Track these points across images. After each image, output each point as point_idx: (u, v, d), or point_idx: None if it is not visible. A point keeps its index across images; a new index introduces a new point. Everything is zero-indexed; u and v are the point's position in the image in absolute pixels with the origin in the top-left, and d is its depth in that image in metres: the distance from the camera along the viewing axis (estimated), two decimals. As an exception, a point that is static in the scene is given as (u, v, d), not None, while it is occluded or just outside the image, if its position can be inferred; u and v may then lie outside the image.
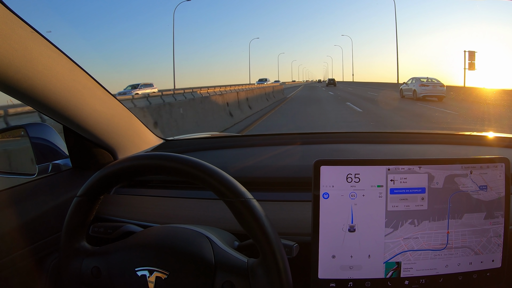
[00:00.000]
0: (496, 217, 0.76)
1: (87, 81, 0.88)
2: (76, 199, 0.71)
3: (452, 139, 1.35)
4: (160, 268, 0.66)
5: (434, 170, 0.74)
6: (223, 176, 0.66)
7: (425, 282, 0.75)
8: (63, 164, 1.07)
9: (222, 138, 1.51)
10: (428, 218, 0.74)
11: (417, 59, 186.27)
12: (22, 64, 0.69)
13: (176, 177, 0.69)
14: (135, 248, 0.71)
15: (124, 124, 1.08)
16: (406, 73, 71.21)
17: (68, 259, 0.72)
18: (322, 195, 0.73)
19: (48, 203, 0.92)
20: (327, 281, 0.74)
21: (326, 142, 1.32)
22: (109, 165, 0.71)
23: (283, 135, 1.43)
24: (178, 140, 1.39)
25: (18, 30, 0.67)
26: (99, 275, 0.70)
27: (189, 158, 0.67)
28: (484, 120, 9.51)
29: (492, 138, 1.29)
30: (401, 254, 0.74)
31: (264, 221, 0.64)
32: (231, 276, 0.64)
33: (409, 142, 1.29)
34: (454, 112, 11.60)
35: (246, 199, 0.64)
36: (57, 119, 0.88)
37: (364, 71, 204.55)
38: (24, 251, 0.84)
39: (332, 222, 0.73)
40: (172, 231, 0.73)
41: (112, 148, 1.05)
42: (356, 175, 0.73)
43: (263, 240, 0.63)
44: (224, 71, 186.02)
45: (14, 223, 0.84)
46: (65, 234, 0.72)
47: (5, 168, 2.36)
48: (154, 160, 0.68)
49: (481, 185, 0.75)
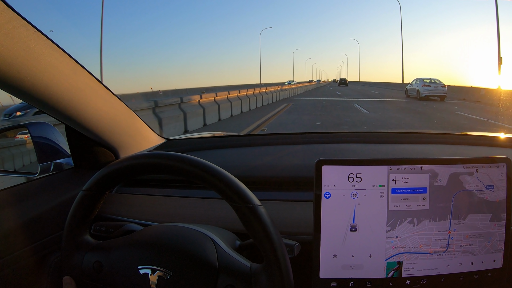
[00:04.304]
0: (502, 219, 0.75)
1: (89, 80, 0.88)
2: (81, 192, 0.72)
3: (454, 139, 1.35)
4: (163, 267, 0.66)
5: (439, 167, 0.74)
6: (232, 180, 0.66)
7: (426, 282, 0.75)
8: (65, 163, 1.08)
9: (224, 137, 1.51)
10: (429, 218, 0.74)
11: (430, 59, 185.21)
12: (24, 63, 0.70)
13: (183, 178, 0.69)
14: (139, 246, 0.71)
15: (126, 123, 1.09)
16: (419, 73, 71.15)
17: (70, 252, 0.72)
18: (324, 195, 0.73)
19: (50, 202, 0.92)
20: (328, 280, 0.74)
21: (327, 142, 1.32)
22: (119, 161, 0.71)
23: (285, 134, 1.43)
24: (180, 139, 1.39)
25: (20, 29, 0.68)
26: (100, 270, 0.70)
27: (198, 160, 0.67)
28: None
29: (494, 138, 1.29)
30: (402, 254, 0.74)
31: (270, 229, 0.63)
32: (233, 280, 0.64)
33: (410, 142, 1.29)
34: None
35: (254, 205, 0.64)
36: (59, 118, 0.89)
37: (375, 70, 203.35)
38: (26, 250, 0.84)
39: (334, 222, 0.73)
40: (176, 231, 0.73)
41: (114, 147, 1.06)
42: (358, 174, 0.73)
43: (268, 248, 0.63)
44: (233, 70, 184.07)
45: (16, 222, 0.85)
46: (68, 226, 0.72)
47: (7, 167, 2.37)
48: (163, 159, 0.68)
49: (488, 184, 0.75)
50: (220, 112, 11.51)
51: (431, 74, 44.39)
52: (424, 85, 17.29)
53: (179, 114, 9.04)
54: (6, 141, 1.97)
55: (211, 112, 10.85)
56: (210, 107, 10.83)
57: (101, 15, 20.86)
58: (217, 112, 11.38)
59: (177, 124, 8.84)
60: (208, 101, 11.05)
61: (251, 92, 15.81)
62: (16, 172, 1.23)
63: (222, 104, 11.75)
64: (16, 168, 2.35)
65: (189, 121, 9.34)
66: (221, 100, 11.94)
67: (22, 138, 1.44)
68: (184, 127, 9.11)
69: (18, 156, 2.36)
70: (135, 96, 15.23)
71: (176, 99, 9.55)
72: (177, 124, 8.85)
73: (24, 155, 2.34)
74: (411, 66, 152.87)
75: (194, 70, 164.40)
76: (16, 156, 2.36)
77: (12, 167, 2.47)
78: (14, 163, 2.50)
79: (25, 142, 1.53)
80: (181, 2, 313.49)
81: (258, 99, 16.20)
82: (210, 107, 10.84)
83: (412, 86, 18.75)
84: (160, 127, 7.90)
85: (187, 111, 9.38)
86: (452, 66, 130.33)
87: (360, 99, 19.14)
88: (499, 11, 18.95)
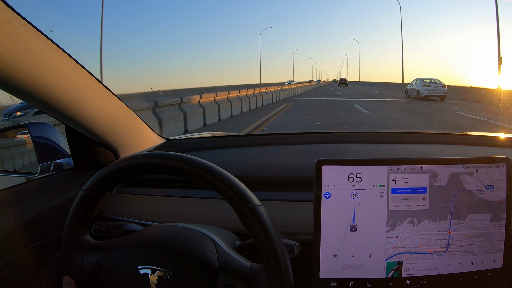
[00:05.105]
0: (502, 219, 0.75)
1: (90, 80, 0.88)
2: (81, 192, 0.72)
3: (454, 139, 1.35)
4: (163, 267, 0.66)
5: (439, 167, 0.74)
6: (232, 180, 0.66)
7: (426, 282, 0.75)
8: (65, 163, 1.08)
9: (224, 137, 1.51)
10: (429, 218, 0.74)
11: (430, 59, 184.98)
12: (24, 63, 0.69)
13: (183, 178, 0.69)
14: (139, 246, 0.71)
15: (126, 123, 1.09)
16: (419, 73, 71.22)
17: (70, 252, 0.72)
18: (324, 195, 0.73)
19: (50, 202, 0.92)
20: (328, 280, 0.74)
21: (327, 142, 1.32)
22: (119, 161, 0.71)
23: (285, 134, 1.43)
24: (180, 139, 1.39)
25: (20, 29, 0.68)
26: (100, 270, 0.70)
27: (198, 160, 0.67)
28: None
29: (494, 138, 1.29)
30: (402, 254, 0.74)
31: (270, 229, 0.63)
32: (233, 280, 0.64)
33: (410, 142, 1.29)
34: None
35: (254, 205, 0.64)
36: (59, 118, 0.89)
37: (375, 70, 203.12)
38: (26, 250, 0.84)
39: (334, 222, 0.73)
40: (176, 231, 0.73)
41: (114, 147, 1.06)
42: (358, 174, 0.73)
43: (269, 248, 0.63)
44: (233, 70, 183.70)
45: (16, 222, 0.85)
46: (68, 226, 0.72)
47: (7, 167, 2.37)
48: (163, 159, 0.68)
49: (488, 184, 0.75)
50: (220, 112, 11.52)
51: (431, 74, 44.47)
52: (424, 85, 17.37)
53: (179, 114, 9.05)
54: (6, 141, 1.97)
55: (211, 112, 10.85)
56: (210, 107, 10.83)
57: (101, 15, 20.86)
58: (217, 112, 11.39)
59: (177, 124, 8.84)
60: (208, 101, 11.05)
61: (251, 92, 15.82)
62: (16, 172, 1.23)
63: (222, 104, 11.75)
64: (16, 168, 2.35)
65: (189, 121, 9.34)
66: (221, 100, 11.94)
67: (22, 138, 1.44)
68: (184, 127, 9.11)
69: (18, 156, 2.36)
70: (135, 96, 15.22)
71: (176, 99, 9.56)
72: (177, 124, 8.85)
73: (24, 155, 2.34)
74: (411, 66, 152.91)
75: (194, 70, 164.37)
76: (16, 156, 2.36)
77: (12, 167, 2.47)
78: (14, 163, 2.50)
79: (25, 142, 1.53)
80: (181, 2, 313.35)
81: (258, 99, 16.21)
82: (210, 107, 10.85)
83: (412, 86, 18.85)
84: (160, 127, 7.90)
85: (187, 111, 9.39)
86: (452, 66, 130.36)
87: (360, 99, 19.18)
88: (499, 11, 18.97)
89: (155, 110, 8.22)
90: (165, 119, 8.29)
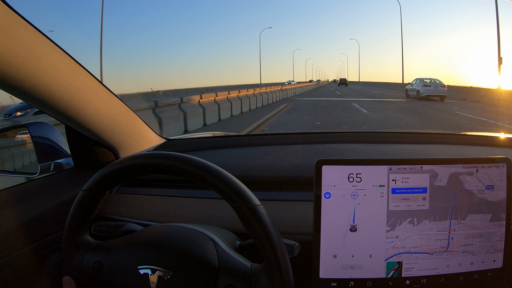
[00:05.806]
0: (502, 219, 0.75)
1: (90, 80, 0.88)
2: (81, 192, 0.72)
3: (454, 139, 1.35)
4: (163, 267, 0.66)
5: (439, 167, 0.74)
6: (232, 180, 0.66)
7: (426, 282, 0.75)
8: (65, 163, 1.08)
9: (224, 137, 1.51)
10: (429, 218, 0.74)
11: (430, 59, 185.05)
12: (24, 63, 0.69)
13: (183, 178, 0.69)
14: (139, 246, 0.71)
15: (126, 123, 1.09)
16: (419, 73, 71.25)
17: (70, 252, 0.72)
18: (324, 195, 0.73)
19: (50, 202, 0.92)
20: (328, 280, 0.74)
21: (327, 142, 1.32)
22: (119, 161, 0.71)
23: (285, 134, 1.43)
24: (180, 139, 1.39)
25: (20, 29, 0.68)
26: (100, 270, 0.70)
27: (198, 160, 0.67)
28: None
29: (494, 138, 1.29)
30: (402, 254, 0.74)
31: (270, 229, 0.63)
32: (233, 280, 0.64)
33: (410, 142, 1.29)
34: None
35: (254, 205, 0.64)
36: (59, 118, 0.89)
37: (375, 70, 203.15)
38: (26, 250, 0.84)
39: (334, 222, 0.73)
40: (176, 231, 0.73)
41: (114, 147, 1.06)
42: (358, 174, 0.73)
43: (268, 248, 0.63)
44: (233, 70, 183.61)
45: (16, 222, 0.85)
46: (68, 226, 0.72)
47: (7, 167, 2.37)
48: (163, 159, 0.68)
49: (488, 184, 0.75)
50: (220, 112, 11.52)
51: (431, 74, 44.46)
52: (424, 85, 17.38)
53: (179, 114, 9.04)
54: (6, 141, 1.97)
55: (211, 112, 10.85)
56: (210, 107, 10.83)
57: (101, 15, 20.85)
58: (217, 112, 11.39)
59: (177, 124, 8.84)
60: (208, 101, 11.05)
61: (251, 92, 15.82)
62: (16, 172, 1.23)
63: (222, 104, 11.75)
64: (16, 168, 2.35)
65: (189, 121, 9.34)
66: (221, 100, 11.94)
67: (22, 138, 1.44)
68: (184, 127, 9.11)
69: (18, 156, 2.36)
70: (135, 96, 15.22)
71: (176, 99, 9.56)
72: (177, 124, 8.85)
73: (24, 155, 2.34)
74: (411, 66, 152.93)
75: (194, 70, 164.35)
76: (16, 156, 2.36)
77: (12, 167, 2.47)
78: (14, 163, 2.50)
79: (25, 142, 1.53)
80: (181, 2, 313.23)
81: (258, 99, 16.21)
82: (210, 107, 10.84)
83: (412, 86, 18.86)
84: (160, 127, 7.90)
85: (187, 111, 9.39)
86: (452, 66, 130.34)
87: (360, 99, 19.19)
88: (499, 11, 18.97)
89: (155, 110, 8.22)
90: (165, 119, 8.28)
